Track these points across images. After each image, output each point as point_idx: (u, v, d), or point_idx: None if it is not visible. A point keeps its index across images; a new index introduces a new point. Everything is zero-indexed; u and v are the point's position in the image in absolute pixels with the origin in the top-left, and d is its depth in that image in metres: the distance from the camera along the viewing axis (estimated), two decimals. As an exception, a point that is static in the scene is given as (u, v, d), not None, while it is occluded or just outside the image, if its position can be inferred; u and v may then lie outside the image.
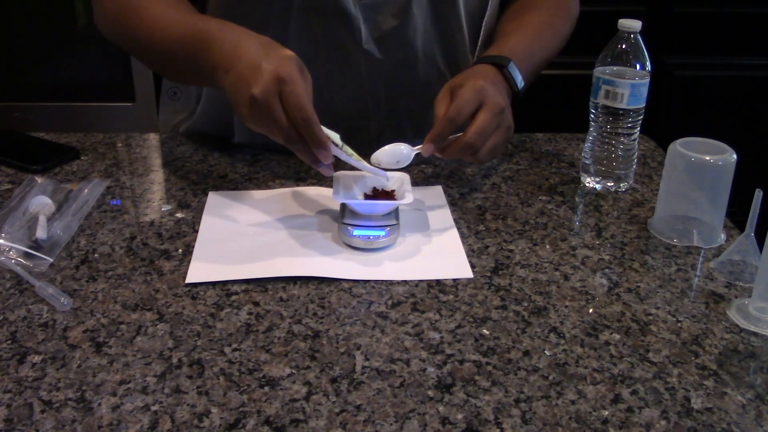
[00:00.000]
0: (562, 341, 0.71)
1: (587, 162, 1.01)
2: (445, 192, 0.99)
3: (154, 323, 0.73)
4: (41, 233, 0.84)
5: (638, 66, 0.95)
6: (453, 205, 0.96)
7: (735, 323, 0.75)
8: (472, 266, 0.83)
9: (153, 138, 1.15)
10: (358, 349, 0.70)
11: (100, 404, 0.62)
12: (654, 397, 0.65)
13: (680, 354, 0.70)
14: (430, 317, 0.74)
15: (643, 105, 0.95)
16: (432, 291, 0.78)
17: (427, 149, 0.89)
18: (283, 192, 0.98)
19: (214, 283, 0.79)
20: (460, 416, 0.62)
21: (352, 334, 0.72)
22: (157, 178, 1.02)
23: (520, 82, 0.97)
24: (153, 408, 0.62)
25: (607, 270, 0.83)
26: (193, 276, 0.80)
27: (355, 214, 0.87)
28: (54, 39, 1.96)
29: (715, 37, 2.04)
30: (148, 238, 0.87)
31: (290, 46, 0.87)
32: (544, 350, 0.70)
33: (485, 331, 0.72)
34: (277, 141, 0.84)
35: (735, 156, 0.85)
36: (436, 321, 0.74)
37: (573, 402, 0.64)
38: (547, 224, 0.92)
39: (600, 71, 0.96)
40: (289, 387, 0.65)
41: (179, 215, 0.92)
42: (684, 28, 2.03)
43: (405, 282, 0.79)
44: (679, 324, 0.75)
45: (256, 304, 0.76)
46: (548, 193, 1.00)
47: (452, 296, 0.78)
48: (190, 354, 0.69)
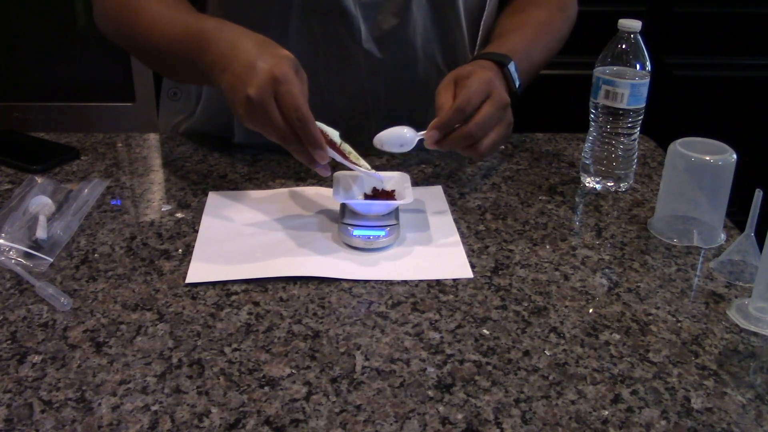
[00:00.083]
0: (562, 341, 0.71)
1: (587, 162, 1.01)
2: (445, 192, 0.99)
3: (154, 323, 0.73)
4: (41, 233, 0.84)
5: (638, 66, 0.95)
6: (453, 205, 0.96)
7: (735, 323, 0.75)
8: (472, 266, 0.83)
9: (153, 138, 1.15)
10: (358, 349, 0.70)
11: (100, 404, 0.62)
12: (654, 397, 0.65)
13: (680, 354, 0.70)
14: (430, 317, 0.74)
15: (643, 105, 0.95)
16: (432, 291, 0.78)
17: (432, 136, 0.89)
18: (283, 192, 0.98)
19: (214, 283, 0.79)
20: (460, 416, 0.62)
21: (352, 334, 0.72)
22: (157, 178, 1.02)
23: (518, 83, 0.97)
24: (153, 408, 0.62)
25: (607, 270, 0.83)
26: (193, 276, 0.80)
27: (355, 214, 0.87)
28: (54, 39, 1.96)
29: (715, 37, 2.04)
30: (148, 238, 0.87)
31: (290, 45, 0.87)
32: (544, 350, 0.70)
33: (485, 331, 0.72)
34: (274, 141, 0.84)
35: (735, 156, 0.85)
36: (436, 321, 0.74)
37: (573, 402, 0.64)
38: (547, 224, 0.92)
39: (600, 71, 0.96)
40: (289, 387, 0.65)
41: (179, 215, 0.92)
42: (684, 28, 2.03)
43: (405, 282, 0.79)
44: (679, 324, 0.75)
45: (256, 304, 0.76)
46: (548, 193, 1.00)
47: (452, 296, 0.78)
48: (190, 354, 0.69)
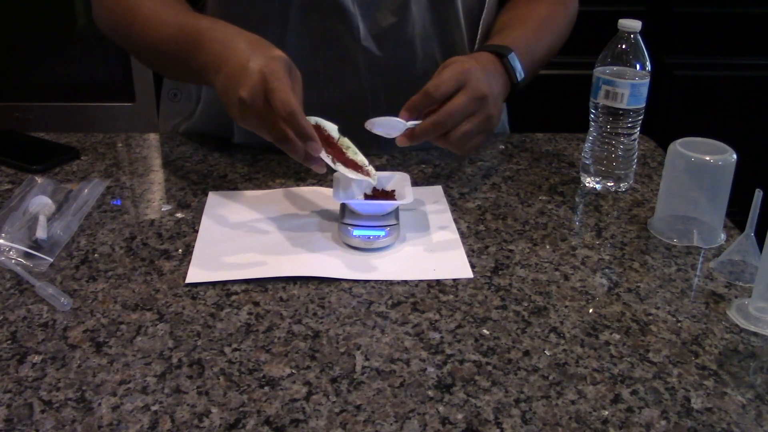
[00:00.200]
0: (562, 341, 0.71)
1: (587, 162, 1.01)
2: (445, 192, 0.99)
3: (154, 323, 0.73)
4: (41, 233, 0.84)
5: (638, 66, 0.95)
6: (453, 205, 0.96)
7: (735, 323, 0.75)
8: (472, 266, 0.83)
9: (153, 138, 1.15)
10: (358, 349, 0.70)
11: (100, 404, 0.62)
12: (654, 397, 0.65)
13: (680, 354, 0.70)
14: (430, 317, 0.74)
15: (643, 105, 0.95)
16: (432, 291, 0.78)
17: (402, 117, 0.89)
18: (283, 192, 0.98)
19: (214, 283, 0.79)
20: (460, 416, 0.62)
21: (352, 334, 0.72)
22: (157, 178, 1.02)
23: (520, 73, 0.96)
24: (153, 408, 0.62)
25: (607, 270, 0.83)
26: (193, 276, 0.80)
27: (355, 214, 0.87)
28: (54, 39, 1.96)
29: (715, 37, 2.04)
30: (148, 238, 0.87)
31: (289, 44, 0.87)
32: (544, 350, 0.70)
33: (485, 331, 0.72)
34: (269, 140, 0.84)
35: (735, 156, 0.85)
36: (436, 321, 0.74)
37: (573, 402, 0.64)
38: (547, 224, 0.92)
39: (600, 71, 0.96)
40: (289, 387, 0.65)
41: (179, 215, 0.92)
42: (684, 28, 2.03)
43: (405, 282, 0.79)
44: (679, 324, 0.75)
45: (256, 304, 0.76)
46: (548, 193, 1.00)
47: (452, 296, 0.78)
48: (190, 354, 0.69)
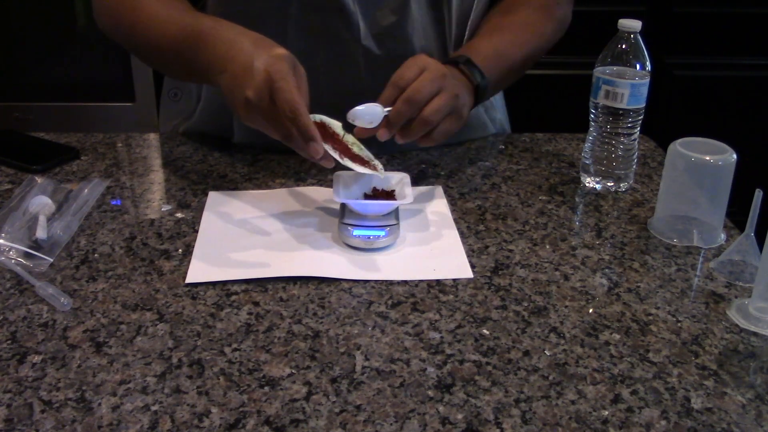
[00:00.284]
0: (562, 341, 0.71)
1: (587, 162, 1.01)
2: (445, 192, 0.99)
3: (154, 323, 0.73)
4: (41, 233, 0.84)
5: (638, 66, 0.95)
6: (453, 205, 0.96)
7: (735, 323, 0.75)
8: (472, 266, 0.83)
9: (153, 138, 1.15)
10: (358, 349, 0.70)
11: (100, 404, 0.62)
12: (654, 397, 0.65)
13: (680, 354, 0.70)
14: (430, 317, 0.74)
15: (643, 105, 0.95)
16: (432, 291, 0.78)
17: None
18: (283, 192, 0.98)
19: (214, 283, 0.79)
20: (460, 416, 0.62)
21: (352, 334, 0.72)
22: (157, 178, 1.02)
23: (479, 78, 0.97)
24: (153, 408, 0.62)
25: (607, 270, 0.83)
26: (193, 276, 0.80)
27: (355, 214, 0.87)
28: (54, 39, 1.96)
29: (715, 37, 2.04)
30: (148, 238, 0.87)
31: (289, 42, 0.87)
32: (544, 350, 0.70)
33: (485, 331, 0.72)
34: (275, 138, 0.84)
35: (735, 156, 0.85)
36: (436, 321, 0.74)
37: (573, 402, 0.64)
38: (547, 224, 0.92)
39: (600, 71, 0.96)
40: (289, 387, 0.65)
41: (179, 215, 0.92)
42: (684, 28, 2.03)
43: (405, 282, 0.79)
44: (679, 324, 0.75)
45: (256, 304, 0.76)
46: (548, 193, 1.00)
47: (452, 296, 0.78)
48: (190, 354, 0.69)
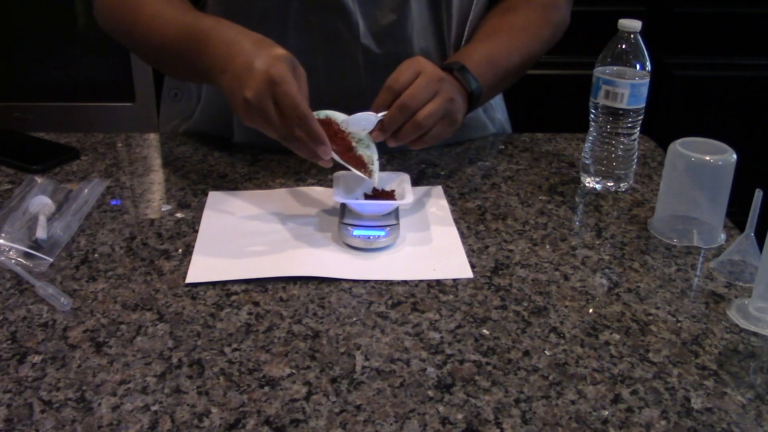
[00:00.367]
0: (562, 341, 0.71)
1: (587, 162, 1.01)
2: (445, 192, 0.99)
3: (154, 323, 0.73)
4: (41, 233, 0.84)
5: (638, 66, 0.95)
6: (453, 205, 0.96)
7: (735, 323, 0.75)
8: (472, 266, 0.83)
9: (153, 138, 1.15)
10: (358, 349, 0.70)
11: (100, 404, 0.62)
12: (654, 397, 0.65)
13: (680, 354, 0.70)
14: (430, 317, 0.74)
15: (643, 105, 0.95)
16: (432, 291, 0.78)
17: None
18: (283, 192, 0.98)
19: (214, 283, 0.79)
20: (460, 416, 0.62)
21: (352, 334, 0.72)
22: (157, 178, 1.02)
23: (474, 85, 0.97)
24: (153, 408, 0.62)
25: (607, 270, 0.83)
26: (193, 276, 0.80)
27: (355, 214, 0.87)
28: (54, 39, 1.96)
29: (715, 37, 2.04)
30: (148, 238, 0.87)
31: (289, 41, 0.87)
32: (544, 350, 0.70)
33: (485, 331, 0.72)
34: (275, 139, 0.84)
35: (735, 156, 0.85)
36: (436, 321, 0.74)
37: (573, 402, 0.64)
38: (547, 224, 0.92)
39: (600, 71, 0.96)
40: (289, 387, 0.65)
41: (179, 215, 0.92)
42: (684, 28, 2.03)
43: (405, 282, 0.79)
44: (679, 324, 0.75)
45: (256, 304, 0.76)
46: (548, 193, 1.00)
47: (452, 296, 0.78)
48: (190, 354, 0.69)
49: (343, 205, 0.89)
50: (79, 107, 1.98)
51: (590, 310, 0.76)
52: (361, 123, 0.89)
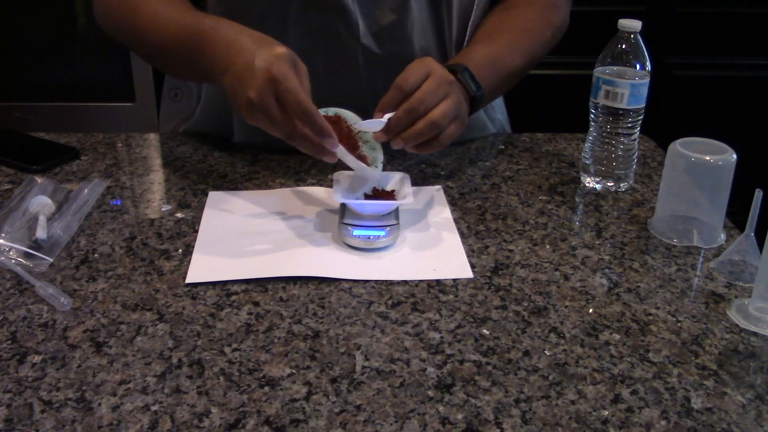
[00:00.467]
0: (562, 341, 0.71)
1: (587, 162, 1.01)
2: (445, 192, 0.99)
3: (154, 323, 0.73)
4: (41, 233, 0.84)
5: (638, 66, 0.95)
6: (453, 205, 0.96)
7: (735, 323, 0.75)
8: (472, 266, 0.83)
9: (153, 138, 1.15)
10: (358, 349, 0.70)
11: (100, 404, 0.62)
12: (654, 397, 0.65)
13: (680, 354, 0.70)
14: (430, 317, 0.74)
15: (643, 105, 0.96)
16: (432, 291, 0.78)
17: (377, 117, 0.89)
18: (283, 192, 0.98)
19: (214, 283, 0.79)
20: (460, 416, 0.62)
21: (352, 334, 0.72)
22: (157, 178, 1.02)
23: (476, 88, 0.96)
24: (153, 408, 0.62)
25: (607, 270, 0.83)
26: (193, 276, 0.80)
27: (355, 214, 0.87)
28: (54, 39, 1.96)
29: (715, 37, 2.04)
30: (148, 238, 0.87)
31: (289, 41, 0.87)
32: (544, 350, 0.70)
33: (485, 331, 0.72)
34: (278, 137, 0.84)
35: (735, 156, 0.85)
36: (436, 321, 0.74)
37: (573, 402, 0.64)
38: (547, 224, 0.92)
39: (600, 71, 0.96)
40: (289, 387, 0.65)
41: (179, 215, 0.92)
42: (684, 28, 2.03)
43: (405, 282, 0.79)
44: (679, 324, 0.75)
45: (256, 304, 0.76)
46: (548, 193, 1.00)
47: (452, 296, 0.78)
48: (190, 354, 0.69)
49: (343, 205, 0.89)
50: (79, 107, 1.98)
51: (590, 310, 0.76)
52: (371, 126, 0.89)
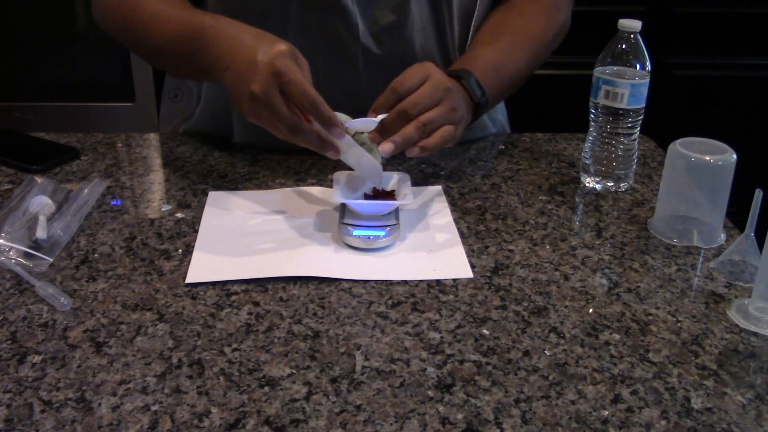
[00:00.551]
0: (562, 341, 0.71)
1: (587, 162, 1.01)
2: (445, 192, 0.99)
3: (154, 323, 0.73)
4: (41, 233, 0.84)
5: (638, 66, 0.95)
6: (453, 205, 0.96)
7: (735, 323, 0.75)
8: (472, 266, 0.83)
9: (153, 138, 1.15)
10: (358, 349, 0.70)
11: (100, 404, 0.62)
12: (654, 397, 0.65)
13: (680, 354, 0.70)
14: (430, 317, 0.74)
15: (643, 105, 0.96)
16: (432, 291, 0.78)
17: (370, 117, 0.89)
18: (283, 192, 0.98)
19: (214, 283, 0.79)
20: (460, 416, 0.62)
21: (352, 334, 0.72)
22: (157, 178, 1.02)
23: (480, 94, 0.96)
24: (153, 408, 0.62)
25: (607, 270, 0.83)
26: (193, 276, 0.80)
27: (355, 214, 0.87)
28: (54, 39, 1.96)
29: (715, 37, 2.04)
30: (148, 238, 0.87)
31: (289, 41, 0.87)
32: (544, 350, 0.70)
33: (485, 331, 0.72)
34: (281, 135, 0.84)
35: (735, 156, 0.85)
36: (436, 321, 0.74)
37: (573, 402, 0.64)
38: (547, 224, 0.92)
39: (600, 71, 0.96)
40: (289, 387, 0.65)
41: (179, 215, 0.92)
42: (684, 28, 2.03)
43: (405, 282, 0.79)
44: (679, 324, 0.75)
45: (256, 304, 0.76)
46: (548, 193, 1.00)
47: (452, 296, 0.78)
48: (190, 354, 0.69)
49: (343, 205, 0.89)
50: (79, 107, 1.98)
51: (590, 310, 0.76)
52: (362, 124, 0.89)
